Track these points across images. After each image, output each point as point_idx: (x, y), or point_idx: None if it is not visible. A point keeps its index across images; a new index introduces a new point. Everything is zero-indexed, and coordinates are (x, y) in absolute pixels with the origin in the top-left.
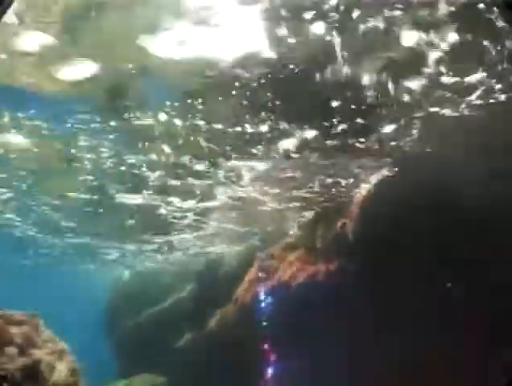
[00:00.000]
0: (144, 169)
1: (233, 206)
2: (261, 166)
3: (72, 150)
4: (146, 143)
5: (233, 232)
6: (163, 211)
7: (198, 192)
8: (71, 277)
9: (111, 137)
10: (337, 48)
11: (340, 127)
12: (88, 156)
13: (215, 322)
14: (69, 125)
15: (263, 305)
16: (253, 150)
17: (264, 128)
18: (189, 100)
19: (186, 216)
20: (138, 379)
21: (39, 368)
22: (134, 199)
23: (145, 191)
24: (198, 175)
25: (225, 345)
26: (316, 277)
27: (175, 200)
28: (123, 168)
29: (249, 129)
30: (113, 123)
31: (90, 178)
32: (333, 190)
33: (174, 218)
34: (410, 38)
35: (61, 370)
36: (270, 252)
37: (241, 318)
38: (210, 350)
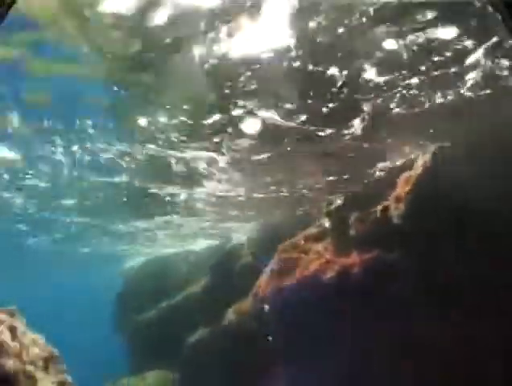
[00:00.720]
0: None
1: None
2: None
3: None
4: None
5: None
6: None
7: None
8: (79, 270)
9: None
10: None
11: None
12: None
13: (230, 318)
14: None
15: (285, 300)
16: None
17: None
18: None
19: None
20: (150, 375)
21: (13, 382)
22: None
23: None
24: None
25: (240, 342)
26: (352, 269)
27: None
28: None
29: None
30: None
31: None
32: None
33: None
34: None
35: (45, 384)
36: (292, 242)
37: (260, 314)
38: (225, 346)
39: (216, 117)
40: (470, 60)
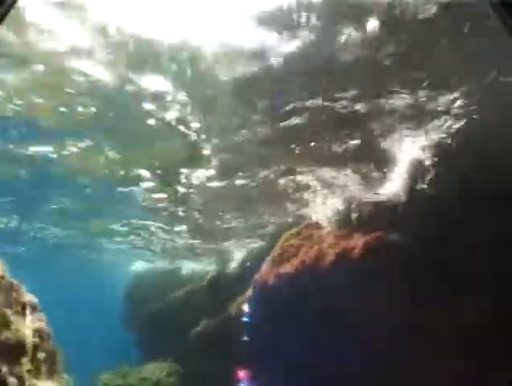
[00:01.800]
0: None
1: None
2: None
3: None
4: None
5: None
6: None
7: None
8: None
9: None
10: None
11: None
12: None
13: (233, 309)
14: None
15: (285, 287)
16: None
17: None
18: None
19: None
20: (153, 365)
21: None
22: None
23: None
24: None
25: (241, 332)
26: (351, 252)
27: None
28: None
29: None
30: None
31: None
32: None
33: None
34: None
35: (19, 327)
36: (295, 231)
37: (260, 303)
38: (227, 337)
39: None
40: None
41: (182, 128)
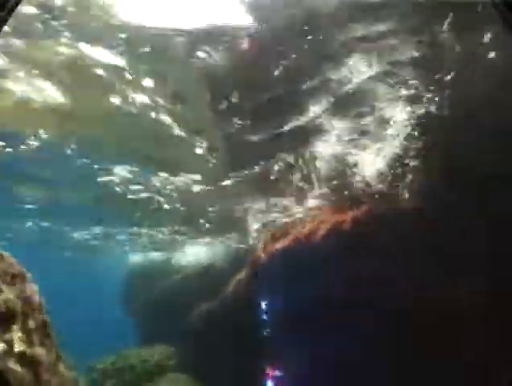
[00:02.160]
0: None
1: None
2: None
3: None
4: None
5: None
6: None
7: None
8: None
9: None
10: None
11: None
12: None
13: (229, 290)
14: None
15: (279, 263)
16: None
17: None
18: None
19: None
20: (151, 349)
21: None
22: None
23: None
24: None
25: (238, 311)
26: (341, 226)
27: None
28: None
29: None
30: None
31: None
32: None
33: None
34: None
35: (10, 295)
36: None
37: (255, 281)
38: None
39: None
40: None
41: None
